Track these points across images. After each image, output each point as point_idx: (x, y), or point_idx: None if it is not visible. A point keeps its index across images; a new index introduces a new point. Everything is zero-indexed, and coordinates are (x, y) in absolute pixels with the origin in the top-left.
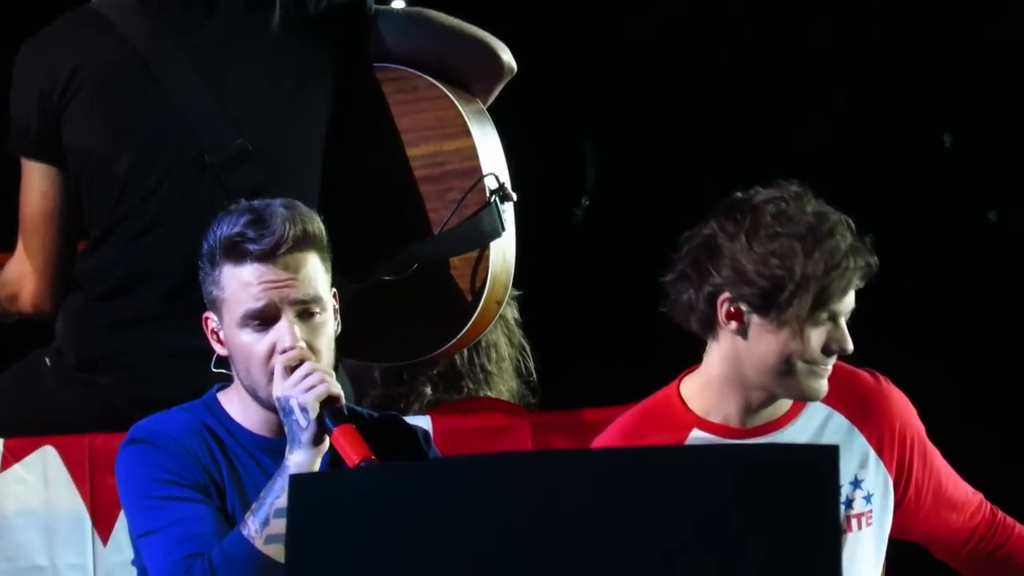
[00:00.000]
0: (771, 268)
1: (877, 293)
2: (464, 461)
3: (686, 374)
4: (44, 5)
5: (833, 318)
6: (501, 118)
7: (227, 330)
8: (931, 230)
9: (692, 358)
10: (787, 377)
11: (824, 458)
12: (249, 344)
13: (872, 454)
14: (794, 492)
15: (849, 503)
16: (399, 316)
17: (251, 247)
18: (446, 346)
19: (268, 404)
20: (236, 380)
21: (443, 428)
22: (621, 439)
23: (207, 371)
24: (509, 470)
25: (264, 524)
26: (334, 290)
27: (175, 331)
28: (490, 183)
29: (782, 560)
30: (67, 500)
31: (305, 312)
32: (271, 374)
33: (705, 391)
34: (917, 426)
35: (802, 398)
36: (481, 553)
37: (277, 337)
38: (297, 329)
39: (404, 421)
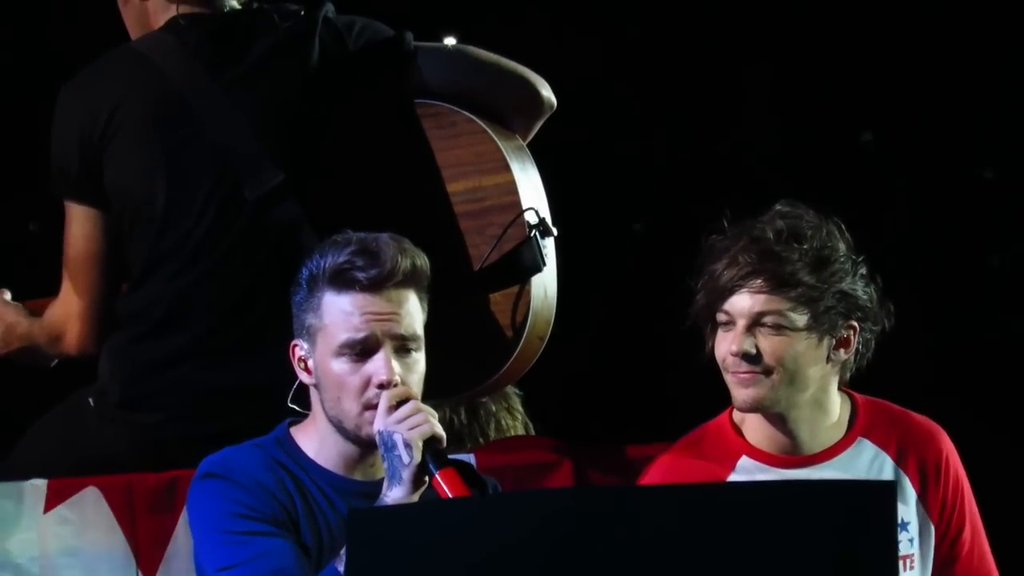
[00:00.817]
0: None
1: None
2: (519, 497)
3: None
4: (84, 47)
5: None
6: (542, 154)
7: (320, 359)
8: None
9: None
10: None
11: (883, 493)
12: (344, 374)
13: (915, 498)
14: (854, 527)
15: None
16: (441, 352)
17: (359, 276)
18: (489, 382)
19: (354, 436)
20: (316, 414)
21: (486, 465)
22: (673, 462)
23: (249, 406)
24: (563, 506)
25: None
26: None
27: (217, 368)
28: (530, 218)
29: None
30: (111, 541)
31: (403, 348)
32: (363, 406)
33: (754, 419)
34: (964, 482)
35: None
36: None
37: (375, 370)
38: (395, 364)
39: (475, 470)
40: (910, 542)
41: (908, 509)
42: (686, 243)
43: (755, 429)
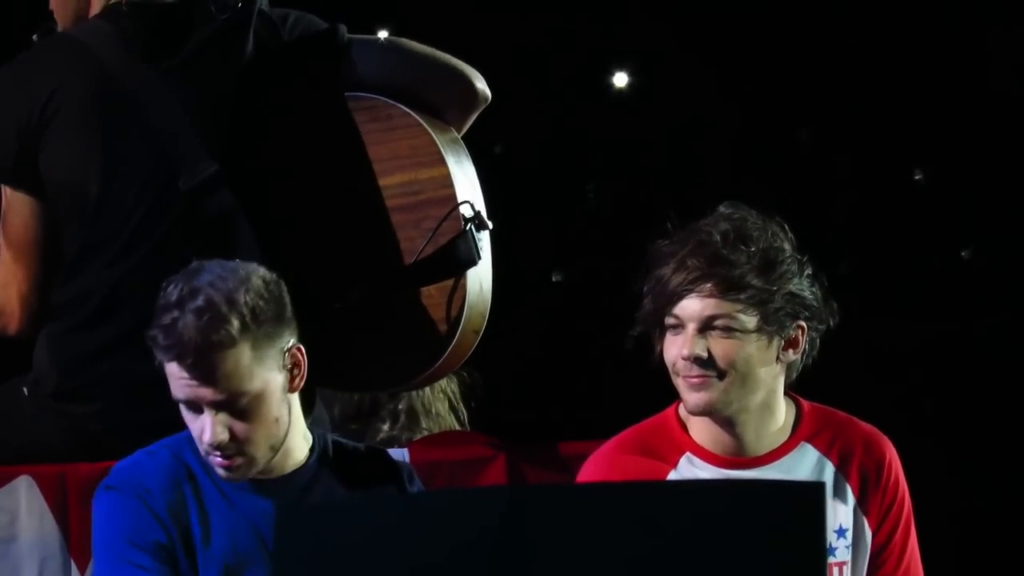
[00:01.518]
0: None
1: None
2: (452, 494)
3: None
4: (20, 32)
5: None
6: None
7: None
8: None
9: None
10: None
11: (811, 493)
12: (188, 423)
13: (854, 504)
14: (782, 527)
15: (832, 551)
16: (375, 345)
17: (162, 353)
18: (423, 375)
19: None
20: None
21: (420, 460)
22: (616, 454)
23: None
24: (497, 505)
25: None
26: (298, 345)
27: (150, 357)
28: (465, 211)
29: None
30: (44, 530)
31: (230, 405)
32: (206, 453)
33: (697, 418)
34: (904, 492)
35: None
36: None
37: (199, 430)
38: (220, 418)
39: (389, 456)
40: (847, 548)
41: (847, 515)
42: (628, 241)
43: (701, 428)
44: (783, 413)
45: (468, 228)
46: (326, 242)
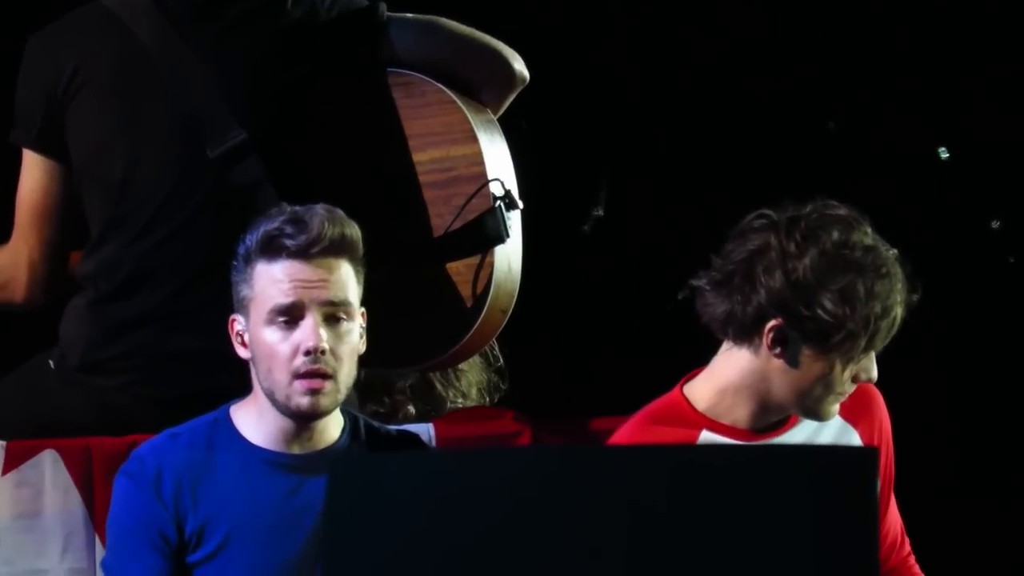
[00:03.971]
0: (835, 307)
1: None
2: (503, 452)
3: (688, 379)
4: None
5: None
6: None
7: (253, 330)
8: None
9: (694, 364)
10: (809, 400)
11: (865, 459)
12: (273, 343)
13: None
14: (835, 493)
15: None
16: (400, 321)
17: (287, 243)
18: (448, 353)
19: (284, 408)
20: (256, 390)
21: (446, 436)
22: (634, 435)
23: (211, 372)
24: (546, 463)
25: None
26: (362, 309)
27: (179, 331)
28: (495, 189)
29: (825, 556)
30: (68, 504)
31: (333, 316)
32: (292, 375)
33: (718, 396)
34: (890, 435)
35: (815, 418)
36: (515, 545)
37: (302, 337)
38: (323, 332)
39: (422, 441)
40: None
41: None
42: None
43: (720, 404)
44: None
45: (497, 206)
46: (354, 216)
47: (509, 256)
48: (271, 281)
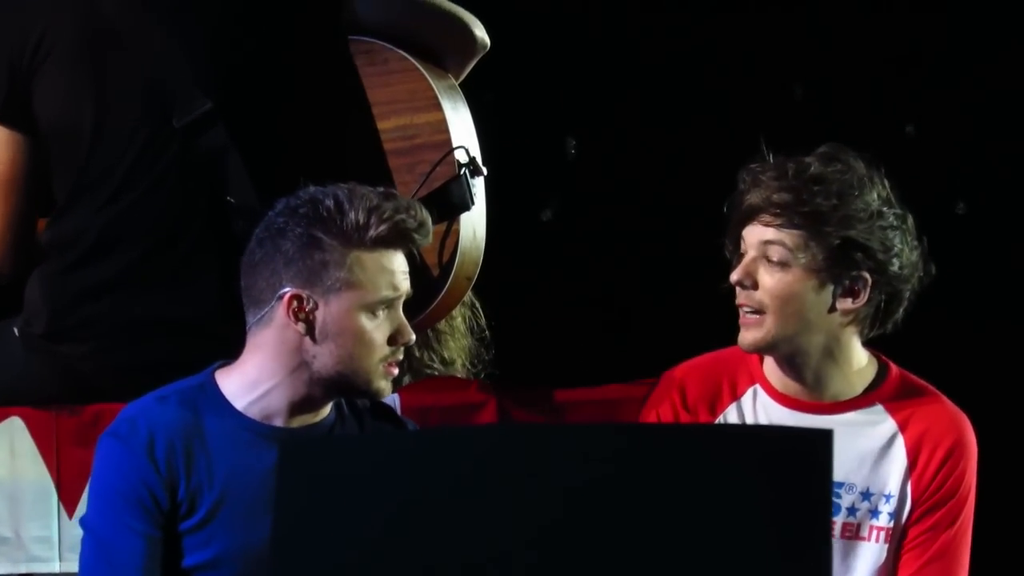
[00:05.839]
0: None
1: None
2: (451, 431)
3: None
4: None
5: None
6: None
7: (342, 313)
8: None
9: (670, 340)
10: None
11: (819, 442)
12: (372, 330)
13: (906, 476)
14: (788, 475)
15: (876, 514)
16: None
17: (413, 234)
18: (415, 320)
19: (355, 389)
20: (280, 362)
21: (411, 406)
22: (705, 366)
23: (177, 337)
24: (494, 442)
25: None
26: None
27: (145, 298)
28: (460, 156)
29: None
30: (33, 471)
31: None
32: (386, 361)
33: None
34: (969, 480)
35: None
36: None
37: (402, 329)
38: None
39: (395, 413)
40: (890, 516)
41: (896, 484)
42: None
43: (770, 363)
44: (856, 366)
45: (462, 173)
46: (319, 183)
47: (474, 223)
48: (382, 270)
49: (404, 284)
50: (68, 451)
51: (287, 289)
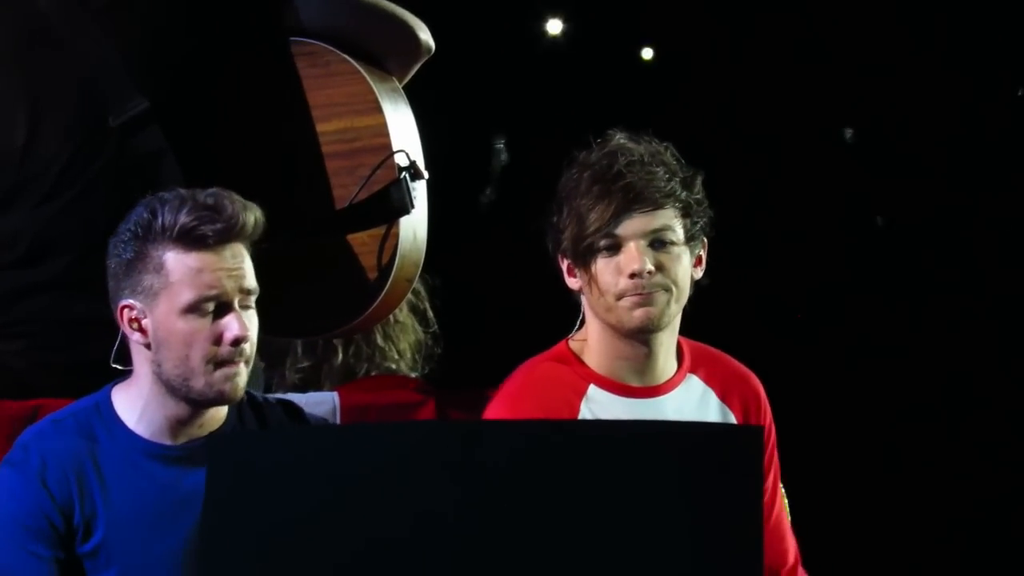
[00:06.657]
0: None
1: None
2: (378, 428)
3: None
4: None
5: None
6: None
7: (162, 318)
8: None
9: None
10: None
11: (749, 438)
12: (193, 331)
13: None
14: (718, 472)
15: None
16: (305, 291)
17: (207, 232)
18: (354, 322)
19: (199, 395)
20: (140, 377)
21: (350, 404)
22: (522, 390)
23: (111, 338)
24: (432, 438)
25: None
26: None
27: (79, 297)
28: (401, 160)
29: (707, 535)
30: None
31: (245, 303)
32: (215, 363)
33: (595, 345)
34: (774, 433)
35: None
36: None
37: (227, 326)
38: (240, 317)
39: (303, 413)
40: None
41: None
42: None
43: (600, 356)
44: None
45: (402, 177)
46: (257, 185)
47: (415, 226)
48: (190, 271)
49: (228, 283)
50: (5, 446)
51: (120, 302)
